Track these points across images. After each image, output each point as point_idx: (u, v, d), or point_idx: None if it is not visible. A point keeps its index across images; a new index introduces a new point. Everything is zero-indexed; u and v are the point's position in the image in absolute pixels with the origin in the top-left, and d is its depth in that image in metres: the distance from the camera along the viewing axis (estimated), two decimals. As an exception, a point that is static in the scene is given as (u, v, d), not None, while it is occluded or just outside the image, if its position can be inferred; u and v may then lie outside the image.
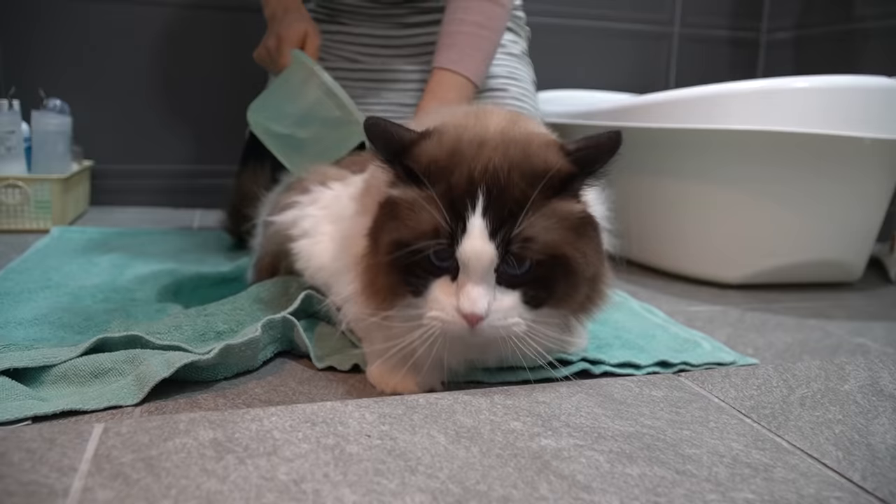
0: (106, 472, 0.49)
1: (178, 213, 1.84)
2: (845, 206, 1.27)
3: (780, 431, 0.63)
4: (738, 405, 0.69)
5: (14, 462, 0.50)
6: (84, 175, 1.75)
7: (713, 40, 2.23)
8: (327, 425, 0.58)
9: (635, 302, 1.13)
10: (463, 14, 1.19)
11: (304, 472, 0.51)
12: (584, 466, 0.54)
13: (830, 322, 1.11)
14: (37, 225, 1.48)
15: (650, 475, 0.54)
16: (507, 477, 0.52)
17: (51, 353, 0.74)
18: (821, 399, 0.71)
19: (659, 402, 0.68)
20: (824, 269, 1.32)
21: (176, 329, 0.82)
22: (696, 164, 1.29)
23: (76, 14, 1.78)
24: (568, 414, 0.64)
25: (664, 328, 1.00)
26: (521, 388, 0.70)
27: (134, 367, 0.74)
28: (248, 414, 0.59)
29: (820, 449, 0.61)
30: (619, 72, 2.18)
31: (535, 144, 0.65)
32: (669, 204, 1.35)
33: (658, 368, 0.85)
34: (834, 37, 1.97)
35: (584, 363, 0.84)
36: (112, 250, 1.30)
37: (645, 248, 1.42)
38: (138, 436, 0.55)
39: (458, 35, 1.19)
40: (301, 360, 0.85)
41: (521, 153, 0.64)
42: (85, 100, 1.79)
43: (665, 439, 0.60)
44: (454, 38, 1.19)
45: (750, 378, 0.75)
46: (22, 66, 1.75)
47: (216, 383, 0.77)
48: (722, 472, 0.55)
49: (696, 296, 1.25)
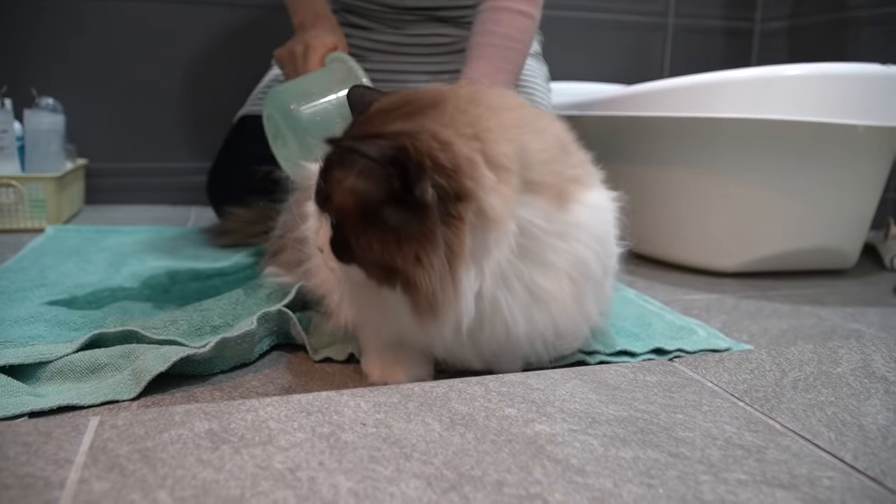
0: (102, 464, 0.50)
1: (173, 211, 1.84)
2: (840, 193, 1.27)
3: (773, 414, 0.64)
4: (731, 389, 0.69)
5: (10, 455, 0.50)
6: (78, 174, 1.75)
7: (708, 30, 2.24)
8: (322, 414, 0.59)
9: (631, 291, 1.14)
10: (494, 26, 1.16)
11: (300, 461, 0.51)
12: (578, 451, 0.55)
13: (825, 308, 1.12)
14: (31, 224, 1.48)
15: (643, 458, 0.54)
16: (501, 462, 0.52)
17: (47, 350, 0.75)
18: (813, 382, 0.71)
19: (653, 387, 0.68)
20: (819, 256, 1.32)
21: (172, 324, 0.82)
22: (690, 152, 1.29)
23: (68, 12, 1.77)
24: (562, 400, 0.64)
25: (660, 316, 1.00)
26: (516, 375, 0.70)
27: (130, 362, 0.74)
28: (243, 405, 0.60)
29: (812, 430, 0.61)
30: (613, 63, 2.18)
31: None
32: (665, 193, 1.35)
33: (653, 356, 0.86)
34: (827, 26, 1.97)
35: (579, 354, 0.84)
36: (107, 248, 1.31)
37: (641, 238, 1.42)
38: (134, 428, 0.55)
39: (489, 47, 1.15)
40: (297, 352, 0.85)
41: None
42: (78, 98, 1.79)
43: (658, 423, 0.60)
44: (484, 49, 1.15)
45: (743, 362, 0.76)
46: (14, 64, 1.75)
47: (213, 377, 0.77)
48: (715, 454, 0.55)
49: (692, 284, 1.25)
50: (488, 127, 0.63)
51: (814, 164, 1.24)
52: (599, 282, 0.71)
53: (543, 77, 1.47)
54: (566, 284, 0.67)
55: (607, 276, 0.74)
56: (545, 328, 0.68)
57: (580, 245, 0.67)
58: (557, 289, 0.66)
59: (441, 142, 0.60)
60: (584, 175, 0.71)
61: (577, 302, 0.68)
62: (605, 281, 0.73)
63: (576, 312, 0.69)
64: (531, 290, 0.65)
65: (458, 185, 0.59)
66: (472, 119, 0.63)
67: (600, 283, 0.72)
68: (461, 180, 0.59)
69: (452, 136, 0.61)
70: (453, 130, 0.62)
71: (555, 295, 0.66)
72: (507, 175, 0.62)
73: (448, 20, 1.38)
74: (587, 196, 0.69)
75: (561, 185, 0.66)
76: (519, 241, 0.63)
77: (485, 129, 0.63)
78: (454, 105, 0.64)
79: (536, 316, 0.66)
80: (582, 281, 0.68)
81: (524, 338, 0.67)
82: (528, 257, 0.65)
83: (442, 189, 0.59)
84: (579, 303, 0.69)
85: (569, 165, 0.69)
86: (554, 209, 0.65)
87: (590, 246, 0.68)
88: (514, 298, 0.65)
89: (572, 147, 0.73)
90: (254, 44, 1.83)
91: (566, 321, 0.68)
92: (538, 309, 0.66)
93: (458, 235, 0.60)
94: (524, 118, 0.67)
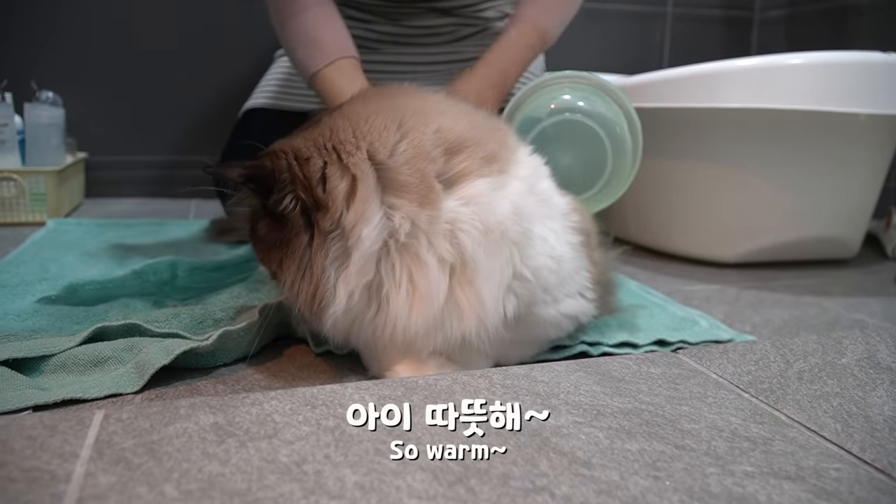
0: (107, 458, 0.50)
1: (173, 204, 1.83)
2: (841, 182, 1.27)
3: (779, 405, 0.64)
4: (735, 380, 0.69)
5: (15, 449, 0.50)
6: (78, 167, 1.74)
7: (706, 20, 2.23)
8: (327, 408, 0.58)
9: (632, 282, 1.13)
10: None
11: (306, 454, 0.51)
12: (584, 443, 0.55)
13: (827, 298, 1.12)
14: (32, 217, 1.48)
15: (649, 450, 0.54)
16: (506, 454, 0.52)
17: (50, 343, 0.74)
18: (818, 373, 0.71)
19: (657, 379, 0.68)
20: (821, 246, 1.32)
21: (174, 317, 0.82)
22: (691, 143, 1.29)
23: (68, 5, 1.76)
24: (567, 392, 0.64)
25: (662, 307, 1.00)
26: (520, 367, 0.70)
27: (133, 355, 0.74)
28: (248, 398, 0.59)
29: (818, 422, 0.61)
30: (612, 52, 2.17)
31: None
32: (666, 184, 1.35)
33: (656, 347, 0.86)
34: (827, 14, 1.96)
35: (582, 345, 0.84)
36: (108, 241, 1.30)
37: (642, 229, 1.43)
38: (139, 421, 0.55)
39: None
40: (299, 344, 0.85)
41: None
42: (77, 91, 1.78)
43: (664, 415, 0.60)
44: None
45: (747, 354, 0.75)
46: (13, 58, 1.74)
47: (215, 370, 0.77)
48: (721, 446, 0.55)
49: (693, 275, 1.25)
50: (344, 138, 0.68)
51: (815, 153, 1.23)
52: (498, 272, 0.69)
53: (539, 68, 1.47)
54: (442, 280, 0.67)
55: (524, 264, 0.71)
56: (432, 322, 0.68)
57: (458, 240, 0.67)
58: (433, 284, 0.67)
59: (301, 158, 0.67)
60: (471, 168, 0.69)
61: (466, 297, 0.68)
62: (523, 270, 0.71)
63: (466, 307, 0.68)
64: (411, 286, 0.67)
65: (313, 196, 0.66)
66: (333, 131, 0.69)
67: (502, 273, 0.70)
68: (315, 192, 0.66)
69: (312, 151, 0.68)
70: (314, 145, 0.68)
71: (431, 291, 0.67)
72: (359, 183, 0.66)
73: (447, 11, 1.37)
74: (469, 190, 0.68)
75: (428, 184, 0.67)
76: (390, 241, 0.67)
77: (340, 141, 0.68)
78: (328, 120, 0.71)
79: (419, 310, 0.67)
80: (470, 275, 0.68)
81: (421, 331, 0.68)
82: (406, 254, 0.67)
83: (303, 201, 0.66)
84: (469, 297, 0.68)
85: (447, 162, 0.68)
86: (419, 207, 0.66)
87: (471, 239, 0.67)
88: (397, 294, 0.67)
89: (468, 142, 0.70)
90: (255, 36, 1.82)
91: (452, 316, 0.68)
92: (419, 304, 0.67)
93: (315, 242, 0.67)
94: (390, 121, 0.69)
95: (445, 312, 0.68)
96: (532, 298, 0.73)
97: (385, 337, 0.69)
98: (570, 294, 0.78)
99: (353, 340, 0.73)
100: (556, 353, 0.83)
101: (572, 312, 0.79)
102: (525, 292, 0.72)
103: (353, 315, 0.69)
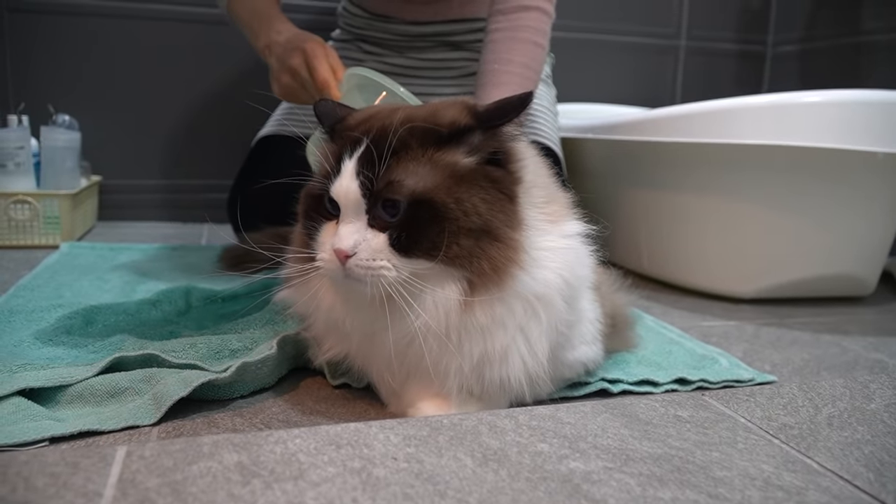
0: (131, 498, 0.49)
1: (186, 229, 1.83)
2: (858, 220, 1.26)
3: (810, 452, 0.63)
4: (765, 425, 0.68)
5: (38, 487, 0.49)
6: (92, 190, 1.74)
7: (719, 53, 2.24)
8: (352, 447, 0.57)
9: (649, 317, 1.12)
10: (510, 55, 1.15)
11: (332, 497, 0.50)
12: (616, 490, 0.53)
13: (846, 337, 1.11)
14: (46, 240, 1.47)
15: (682, 499, 0.53)
16: (538, 501, 0.51)
17: (67, 373, 0.74)
18: (848, 419, 0.70)
19: (685, 423, 0.67)
20: (837, 283, 1.31)
21: (191, 347, 0.82)
22: (708, 178, 1.29)
23: (85, 30, 1.78)
24: (594, 435, 0.63)
25: (680, 344, 0.99)
26: (545, 407, 0.69)
27: (150, 387, 0.73)
28: (271, 436, 0.58)
29: (851, 470, 0.60)
30: (625, 85, 2.18)
31: (446, 104, 0.69)
32: (682, 218, 1.34)
33: (676, 386, 0.84)
34: (840, 50, 1.97)
35: (602, 382, 0.83)
36: (122, 266, 1.30)
37: (657, 263, 1.42)
38: (162, 459, 0.54)
39: (506, 75, 1.14)
40: (316, 376, 0.84)
41: (427, 112, 0.67)
42: (93, 115, 1.79)
43: (695, 461, 0.59)
44: (501, 77, 1.14)
45: (775, 397, 0.74)
46: (31, 82, 1.75)
47: (233, 401, 0.76)
48: (755, 496, 0.54)
49: (709, 311, 1.24)
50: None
51: (833, 191, 1.23)
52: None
53: (549, 100, 1.47)
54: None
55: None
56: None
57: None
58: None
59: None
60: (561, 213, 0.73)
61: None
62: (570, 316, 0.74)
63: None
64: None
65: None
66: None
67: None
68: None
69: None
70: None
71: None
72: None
73: (459, 45, 1.38)
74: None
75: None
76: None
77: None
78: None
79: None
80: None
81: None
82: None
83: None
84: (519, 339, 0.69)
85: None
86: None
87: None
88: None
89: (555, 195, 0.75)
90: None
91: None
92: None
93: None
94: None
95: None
96: (558, 341, 0.72)
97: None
98: (584, 342, 0.80)
99: (372, 374, 0.74)
100: (575, 389, 0.82)
101: (583, 359, 0.81)
102: (560, 338, 0.73)
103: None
